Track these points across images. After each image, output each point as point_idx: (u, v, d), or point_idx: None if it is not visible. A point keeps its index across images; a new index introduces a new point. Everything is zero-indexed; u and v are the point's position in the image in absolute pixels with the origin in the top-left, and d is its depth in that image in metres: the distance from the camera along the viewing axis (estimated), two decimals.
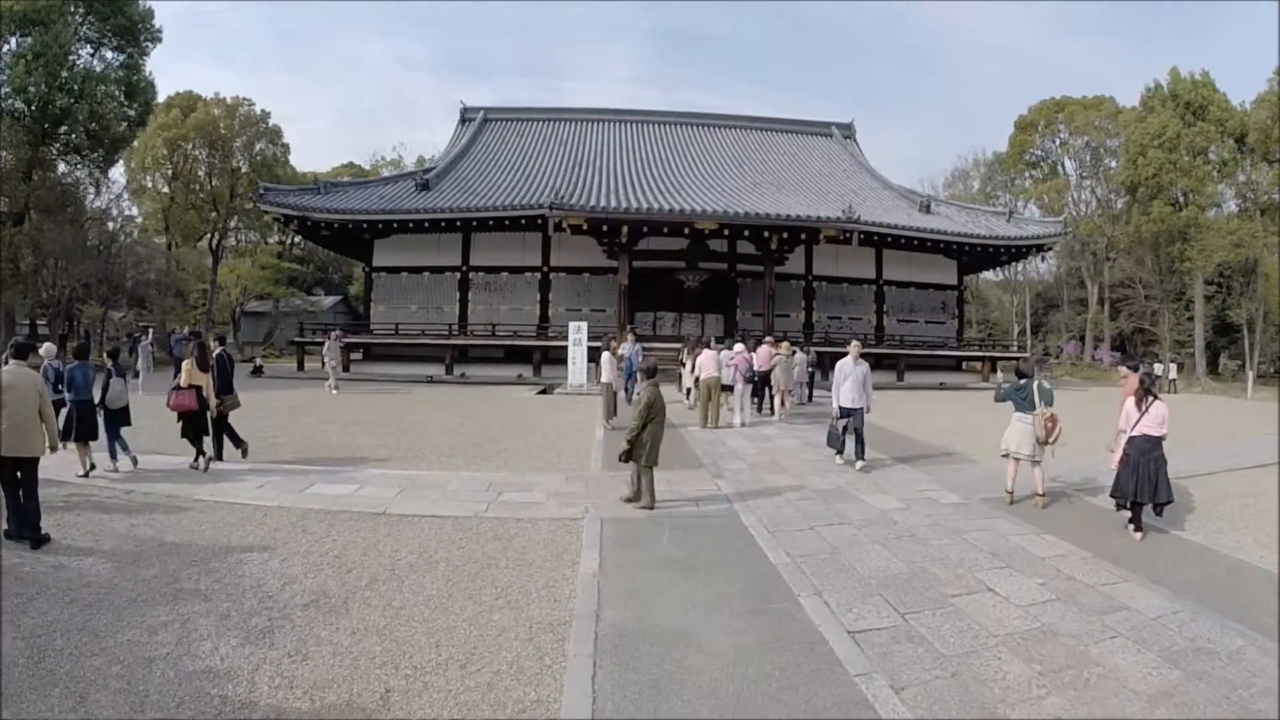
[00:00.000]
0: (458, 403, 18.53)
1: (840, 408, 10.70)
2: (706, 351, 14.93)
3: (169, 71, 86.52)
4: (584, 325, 21.83)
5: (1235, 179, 43.02)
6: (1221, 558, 6.90)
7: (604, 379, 14.55)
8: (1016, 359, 33.88)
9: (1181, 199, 42.08)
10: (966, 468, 11.21)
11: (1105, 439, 8.77)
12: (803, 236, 25.89)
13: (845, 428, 10.48)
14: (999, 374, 30.75)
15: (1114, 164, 48.85)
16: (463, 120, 40.31)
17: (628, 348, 16.38)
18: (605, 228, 24.76)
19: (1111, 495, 7.98)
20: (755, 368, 15.88)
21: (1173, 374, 35.26)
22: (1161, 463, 7.49)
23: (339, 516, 7.35)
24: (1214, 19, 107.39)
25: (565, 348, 21.98)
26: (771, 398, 16.98)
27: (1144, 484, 7.42)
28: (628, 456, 7.92)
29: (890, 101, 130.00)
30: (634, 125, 40.20)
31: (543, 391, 22.21)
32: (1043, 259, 47.68)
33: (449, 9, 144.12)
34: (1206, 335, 42.96)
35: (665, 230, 25.19)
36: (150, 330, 30.01)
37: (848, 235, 25.49)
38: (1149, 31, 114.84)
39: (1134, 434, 7.61)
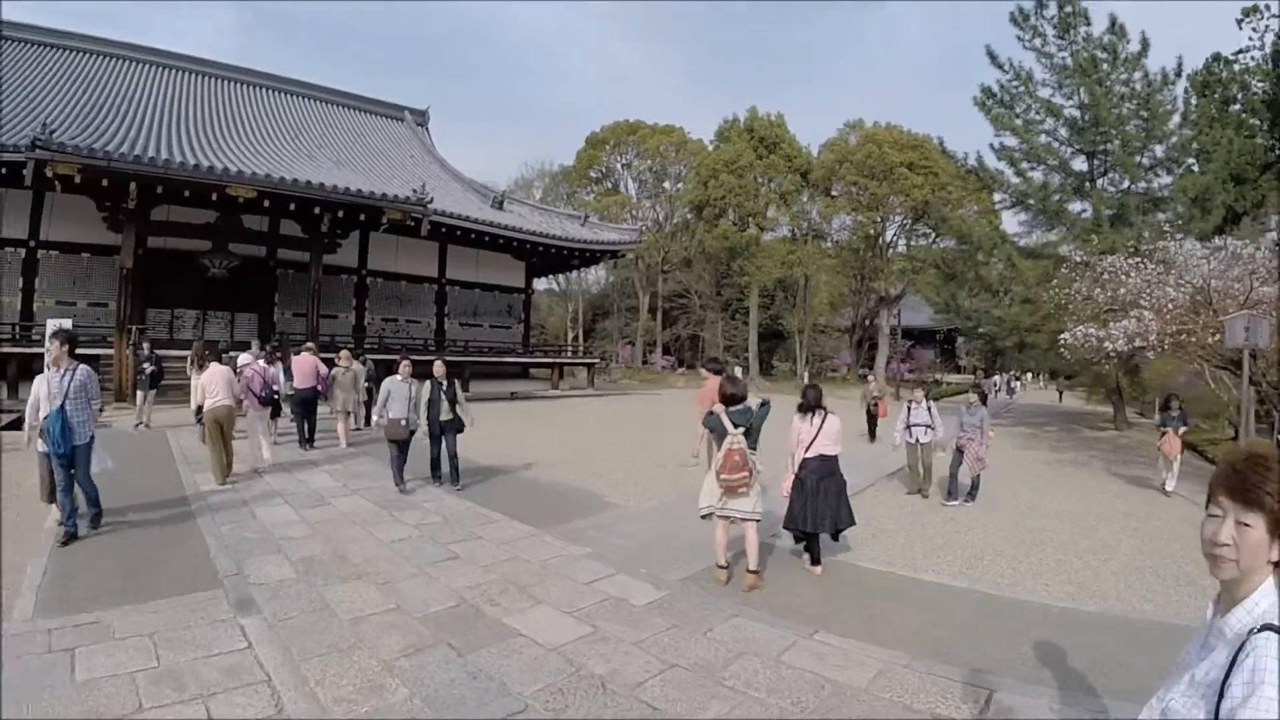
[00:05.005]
0: None
1: None
2: (215, 366, 9.99)
3: None
4: (66, 324, 14.82)
5: (792, 208, 49.15)
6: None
7: (28, 431, 6.99)
8: (588, 364, 34.43)
9: (744, 221, 47.52)
10: (615, 519, 8.55)
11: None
12: (362, 218, 21.62)
13: None
14: (566, 380, 30.69)
15: (674, 187, 53.50)
16: None
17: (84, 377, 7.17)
18: (107, 184, 17.48)
19: (785, 527, 6.98)
20: (277, 384, 12.06)
21: (736, 373, 37.41)
22: (842, 484, 6.83)
23: None
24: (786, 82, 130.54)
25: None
26: (310, 428, 12.90)
27: (824, 510, 6.61)
28: None
29: (461, 113, 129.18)
30: (177, 73, 30.73)
31: (11, 425, 14.53)
32: (614, 266, 49.89)
33: None
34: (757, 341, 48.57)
35: (187, 195, 18.67)
36: None
37: (415, 221, 21.93)
38: (732, 83, 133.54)
39: (808, 455, 6.72)
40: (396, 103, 39.27)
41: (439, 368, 9.82)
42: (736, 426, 6.03)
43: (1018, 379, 51.56)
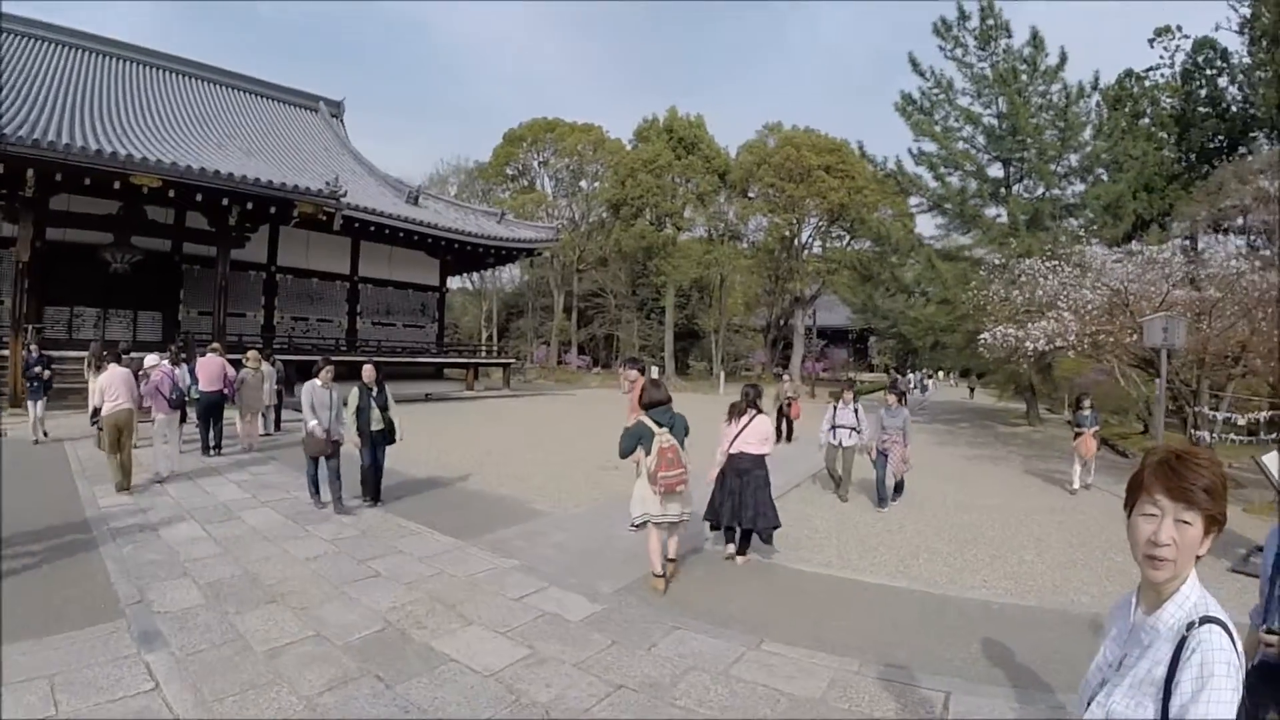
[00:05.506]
0: None
1: None
2: (114, 368, 9.27)
3: None
4: None
5: (709, 209, 49.07)
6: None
7: None
8: (503, 364, 33.84)
9: (661, 220, 47.59)
10: (543, 527, 8.18)
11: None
12: (272, 211, 20.56)
13: None
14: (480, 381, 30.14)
15: (591, 186, 52.92)
16: None
17: None
18: (2, 170, 16.05)
19: (705, 518, 7.07)
20: (185, 385, 11.21)
21: (654, 374, 37.34)
22: (763, 483, 6.85)
23: None
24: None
25: None
26: (217, 434, 12.09)
27: (743, 508, 6.69)
28: None
29: (376, 107, 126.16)
30: (81, 53, 28.29)
31: None
32: (530, 264, 49.35)
33: None
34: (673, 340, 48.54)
35: (89, 184, 17.28)
36: None
37: (328, 216, 21.05)
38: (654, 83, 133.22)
39: (733, 451, 6.82)
40: (311, 92, 37.66)
41: (369, 371, 8.70)
42: (661, 427, 5.88)
43: (930, 377, 53.06)
